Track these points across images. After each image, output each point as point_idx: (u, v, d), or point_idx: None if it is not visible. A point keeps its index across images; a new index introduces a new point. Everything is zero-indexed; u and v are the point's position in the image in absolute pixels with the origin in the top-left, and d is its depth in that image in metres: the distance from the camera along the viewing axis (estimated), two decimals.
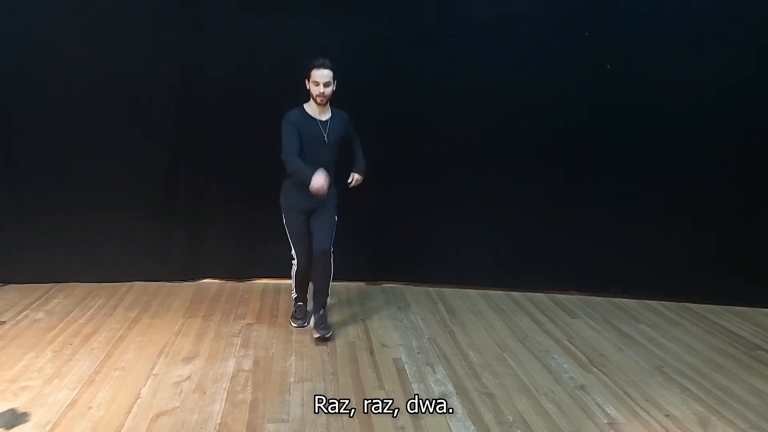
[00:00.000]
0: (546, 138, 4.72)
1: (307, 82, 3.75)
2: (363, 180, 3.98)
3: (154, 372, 3.40)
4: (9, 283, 4.67)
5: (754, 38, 4.44)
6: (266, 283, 4.89)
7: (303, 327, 4.06)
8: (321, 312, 3.97)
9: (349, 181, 3.96)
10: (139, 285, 4.77)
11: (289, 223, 3.90)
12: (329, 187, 3.69)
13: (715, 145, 4.59)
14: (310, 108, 3.80)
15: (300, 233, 3.88)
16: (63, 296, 4.50)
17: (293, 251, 3.95)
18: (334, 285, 4.12)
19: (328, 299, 4.06)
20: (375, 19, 4.59)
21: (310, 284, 4.08)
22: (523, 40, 4.60)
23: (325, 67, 3.68)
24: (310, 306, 4.15)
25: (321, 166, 3.68)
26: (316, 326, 3.94)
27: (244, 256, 4.91)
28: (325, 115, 3.81)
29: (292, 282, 4.10)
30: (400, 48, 4.65)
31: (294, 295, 4.15)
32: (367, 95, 4.58)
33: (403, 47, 4.64)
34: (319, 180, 3.56)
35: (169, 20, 4.53)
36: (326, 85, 3.69)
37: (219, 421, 2.94)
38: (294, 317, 4.14)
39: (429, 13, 4.62)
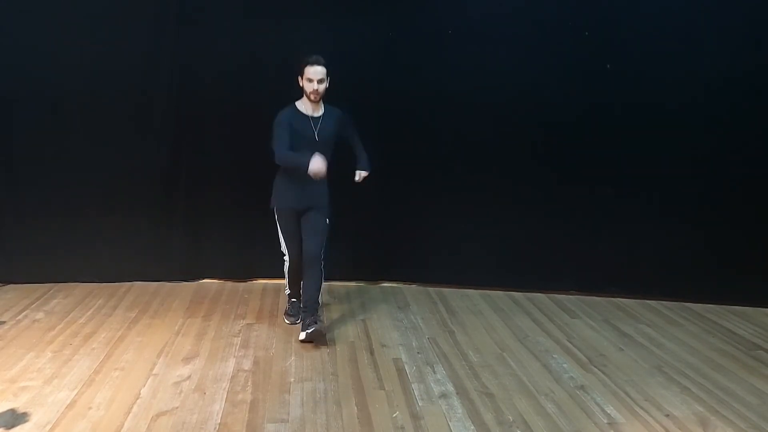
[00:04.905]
0: (546, 138, 4.72)
1: (300, 79, 3.74)
2: (368, 175, 3.99)
3: (154, 372, 3.39)
4: (9, 283, 4.67)
5: (754, 38, 4.45)
6: (266, 283, 4.89)
7: (296, 324, 4.06)
8: (308, 317, 3.80)
9: (357, 179, 3.97)
10: (138, 285, 4.77)
11: (281, 221, 3.92)
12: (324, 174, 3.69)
13: (715, 145, 4.59)
14: (302, 105, 3.80)
15: (291, 232, 3.89)
16: (63, 296, 4.50)
17: (284, 248, 3.97)
18: (333, 285, 4.15)
19: (319, 306, 3.95)
20: (375, 19, 4.59)
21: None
22: (523, 40, 4.60)
23: (319, 64, 3.67)
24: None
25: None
26: (303, 328, 3.81)
27: (244, 256, 4.91)
28: (318, 112, 3.81)
29: (285, 279, 4.13)
30: (400, 48, 4.65)
31: (287, 292, 4.18)
32: (367, 95, 4.59)
33: (403, 47, 4.64)
34: (317, 162, 3.51)
35: (169, 20, 4.53)
36: (320, 81, 3.68)
37: (219, 421, 2.93)
38: (287, 314, 4.16)
39: (429, 12, 4.63)
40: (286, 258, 4.01)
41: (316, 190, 3.84)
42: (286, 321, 4.13)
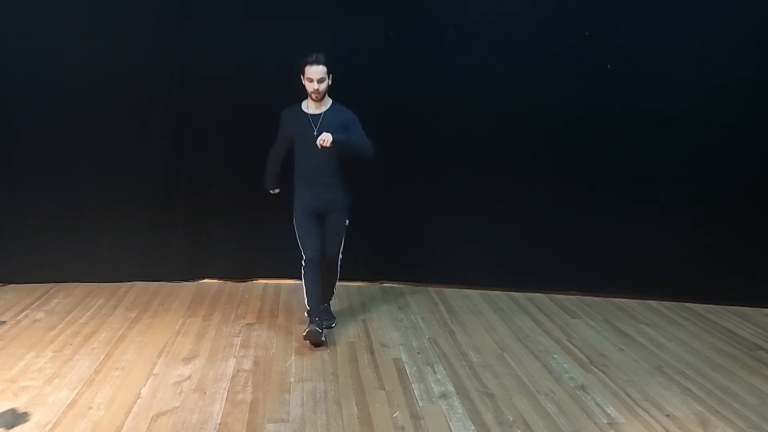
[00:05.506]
0: (546, 138, 4.71)
1: (302, 78, 3.74)
2: (329, 144, 3.56)
3: (154, 372, 3.40)
4: (9, 283, 4.68)
5: (755, 38, 4.44)
6: (266, 283, 4.89)
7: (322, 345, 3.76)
8: (324, 305, 4.07)
9: (318, 140, 3.58)
10: (139, 285, 4.77)
11: (298, 219, 3.87)
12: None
13: (715, 145, 4.58)
14: (306, 103, 3.82)
15: (306, 230, 3.83)
16: (63, 296, 4.50)
17: (301, 249, 3.82)
18: None
19: (333, 297, 4.17)
20: (375, 18, 4.59)
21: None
22: (523, 40, 4.60)
23: (319, 63, 3.66)
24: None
25: (315, 164, 3.76)
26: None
27: (244, 256, 4.91)
28: (319, 110, 3.79)
29: (303, 287, 3.85)
30: (400, 47, 4.65)
31: (306, 306, 3.82)
32: (367, 95, 4.57)
33: (403, 47, 4.64)
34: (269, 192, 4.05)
35: (169, 21, 4.54)
36: (320, 81, 3.67)
37: (219, 421, 2.94)
38: (309, 339, 3.75)
39: (429, 12, 4.63)
40: (304, 260, 3.79)
41: (333, 193, 3.85)
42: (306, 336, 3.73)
